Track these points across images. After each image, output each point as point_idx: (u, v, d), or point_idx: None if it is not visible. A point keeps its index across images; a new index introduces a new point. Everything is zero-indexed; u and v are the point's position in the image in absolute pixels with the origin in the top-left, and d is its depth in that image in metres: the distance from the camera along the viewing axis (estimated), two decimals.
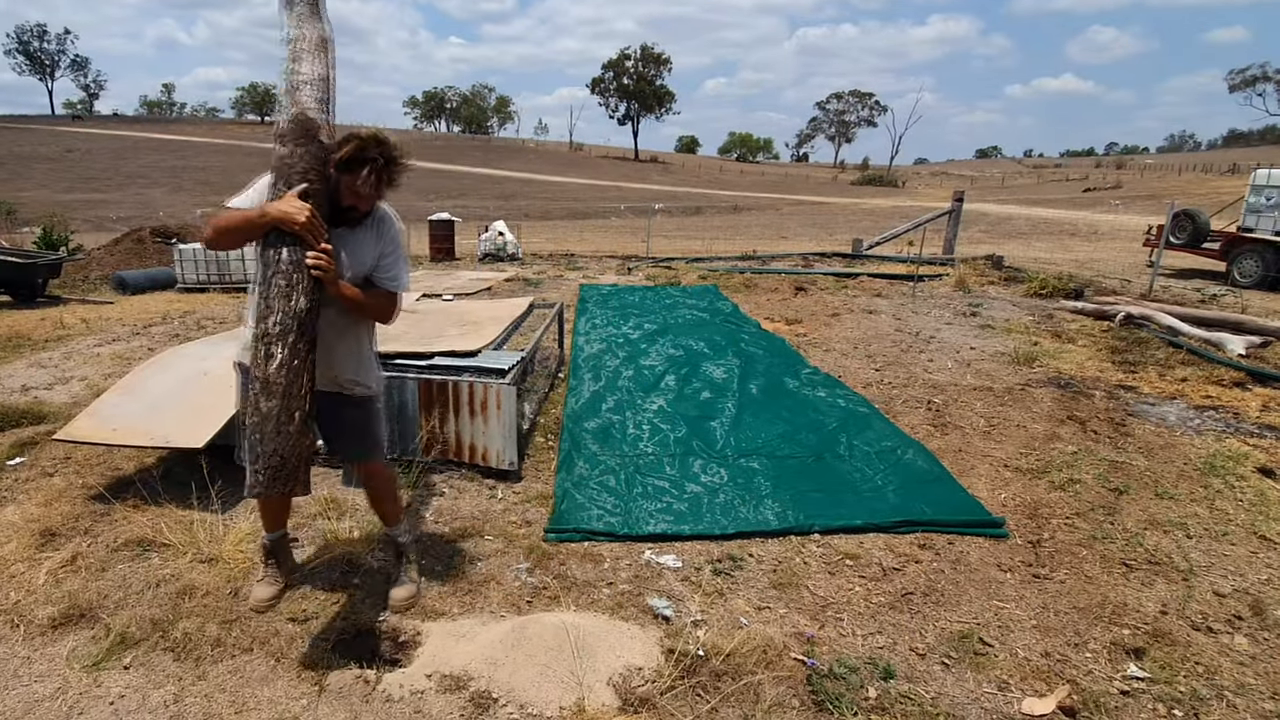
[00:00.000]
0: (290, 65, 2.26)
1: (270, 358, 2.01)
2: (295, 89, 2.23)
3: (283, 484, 2.02)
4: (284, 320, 2.04)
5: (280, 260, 2.05)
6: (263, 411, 2.00)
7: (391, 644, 2.36)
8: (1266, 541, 3.16)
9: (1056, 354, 6.42)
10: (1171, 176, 54.93)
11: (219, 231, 2.11)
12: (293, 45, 2.30)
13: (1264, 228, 11.72)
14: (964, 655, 2.37)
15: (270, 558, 2.50)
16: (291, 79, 2.24)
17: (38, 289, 8.97)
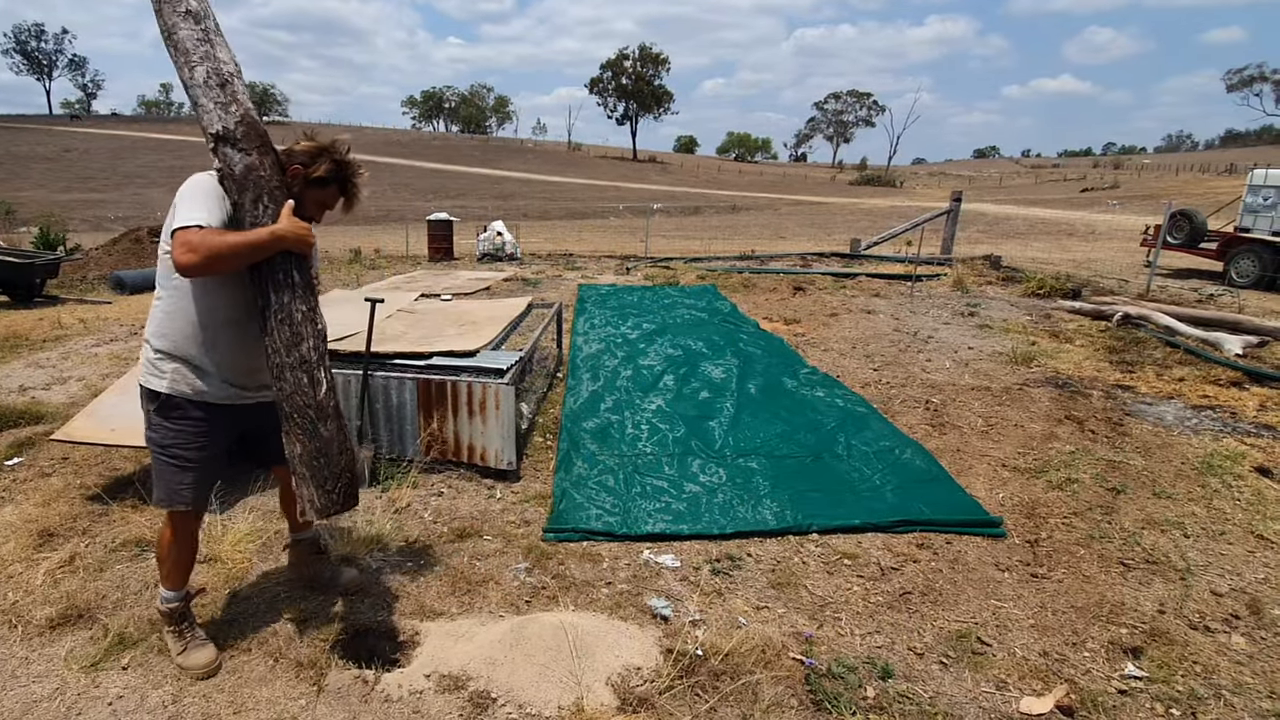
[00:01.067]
0: (204, 51, 1.98)
1: (317, 383, 2.00)
2: (227, 82, 1.98)
3: (354, 499, 2.09)
4: (317, 344, 2.02)
5: (295, 283, 1.98)
6: (324, 436, 2.00)
7: (390, 644, 2.36)
8: (1264, 541, 3.16)
9: (1054, 354, 6.43)
10: (1169, 176, 55.04)
11: (215, 258, 1.86)
12: (199, 27, 2.00)
13: (1261, 227, 11.75)
14: (962, 654, 2.37)
15: (182, 620, 2.24)
16: (216, 70, 1.97)
17: (35, 289, 8.95)
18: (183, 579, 2.25)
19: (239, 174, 1.95)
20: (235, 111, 1.96)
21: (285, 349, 1.98)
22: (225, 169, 1.96)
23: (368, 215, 31.28)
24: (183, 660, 2.18)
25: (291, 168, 2.07)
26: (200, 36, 1.98)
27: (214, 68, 1.98)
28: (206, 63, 1.97)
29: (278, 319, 1.97)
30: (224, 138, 1.94)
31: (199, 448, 2.09)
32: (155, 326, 2.05)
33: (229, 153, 1.95)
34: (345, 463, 2.04)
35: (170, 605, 2.22)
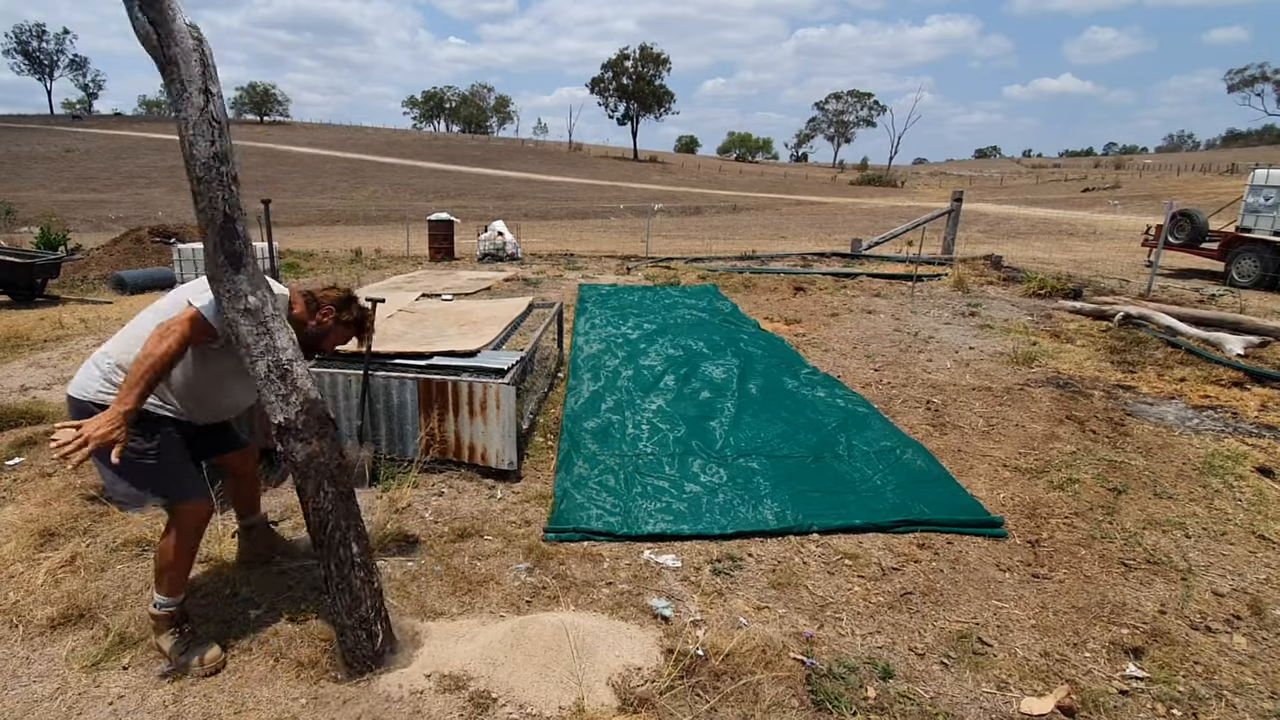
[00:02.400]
0: (265, 345, 2.02)
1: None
2: (287, 372, 2.03)
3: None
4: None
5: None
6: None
7: (391, 644, 2.36)
8: (1265, 541, 3.16)
9: (1055, 354, 6.43)
10: (1170, 176, 54.99)
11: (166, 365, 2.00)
12: (257, 322, 2.01)
13: (1262, 227, 11.74)
14: (963, 655, 2.37)
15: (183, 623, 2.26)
16: (276, 362, 2.02)
17: (36, 289, 8.96)
18: (184, 584, 2.26)
19: (300, 462, 2.05)
20: (295, 401, 2.03)
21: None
22: (288, 457, 2.07)
23: (368, 215, 31.32)
24: (186, 659, 2.18)
25: (324, 308, 2.45)
26: (260, 331, 2.00)
27: (274, 360, 2.02)
28: (267, 356, 2.01)
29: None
30: (286, 429, 2.03)
31: (184, 449, 2.24)
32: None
33: (292, 443, 2.04)
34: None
35: (170, 610, 2.22)
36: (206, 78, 1.87)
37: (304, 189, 42.83)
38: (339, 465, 2.11)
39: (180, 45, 1.83)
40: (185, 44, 1.83)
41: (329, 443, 2.09)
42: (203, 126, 1.87)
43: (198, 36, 1.87)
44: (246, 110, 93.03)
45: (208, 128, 1.88)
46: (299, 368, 2.05)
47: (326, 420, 2.10)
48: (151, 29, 1.82)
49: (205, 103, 1.87)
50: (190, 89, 1.85)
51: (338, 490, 2.09)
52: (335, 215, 31.51)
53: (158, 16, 1.81)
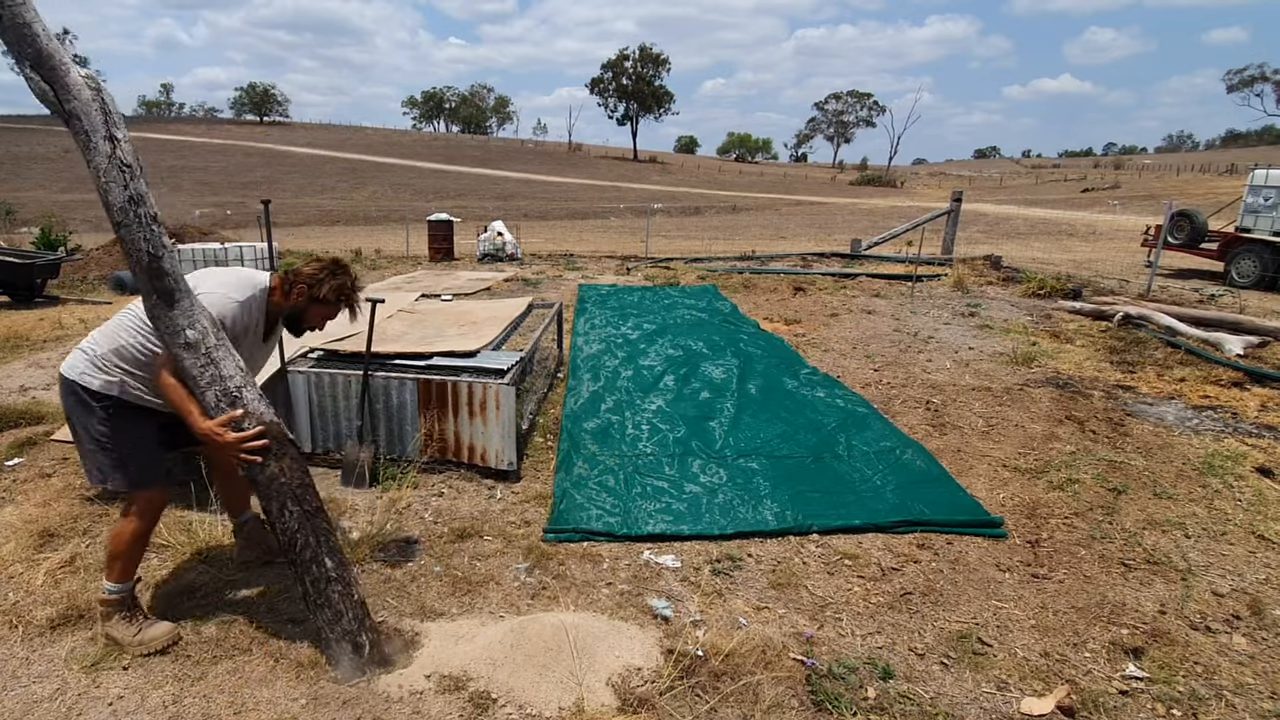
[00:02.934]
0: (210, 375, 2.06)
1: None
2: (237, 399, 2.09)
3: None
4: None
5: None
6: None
7: (381, 652, 2.35)
8: (1265, 541, 3.16)
9: (1055, 354, 6.43)
10: (1170, 176, 55.02)
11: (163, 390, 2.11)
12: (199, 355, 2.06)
13: (1262, 228, 11.74)
14: (963, 655, 2.37)
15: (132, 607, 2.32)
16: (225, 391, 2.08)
17: (36, 289, 8.96)
18: (133, 571, 2.33)
19: (262, 483, 2.09)
20: (249, 426, 2.08)
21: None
22: (248, 476, 2.12)
23: (368, 215, 31.30)
24: (141, 638, 2.23)
25: (297, 288, 2.33)
26: (204, 362, 2.03)
27: (222, 389, 2.06)
28: (214, 386, 2.06)
29: None
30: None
31: (152, 433, 2.31)
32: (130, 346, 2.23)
33: (249, 463, 2.08)
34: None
35: (120, 595, 2.28)
36: (110, 124, 1.89)
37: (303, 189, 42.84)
38: (301, 484, 2.12)
39: (78, 98, 1.85)
40: (83, 96, 1.86)
41: (289, 462, 2.11)
42: (113, 173, 1.89)
43: (94, 86, 1.89)
44: (246, 111, 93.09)
45: (118, 173, 1.90)
46: (249, 392, 2.08)
47: (284, 440, 2.12)
48: (47, 87, 1.84)
49: (112, 149, 1.89)
50: (95, 138, 1.88)
51: (303, 509, 2.10)
52: (335, 215, 31.51)
53: (50, 75, 1.84)
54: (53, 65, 1.83)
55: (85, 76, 1.89)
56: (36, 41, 1.80)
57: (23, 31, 1.78)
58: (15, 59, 1.82)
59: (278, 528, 2.11)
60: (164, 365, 2.11)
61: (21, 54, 1.80)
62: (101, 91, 1.90)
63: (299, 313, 2.39)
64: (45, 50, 1.81)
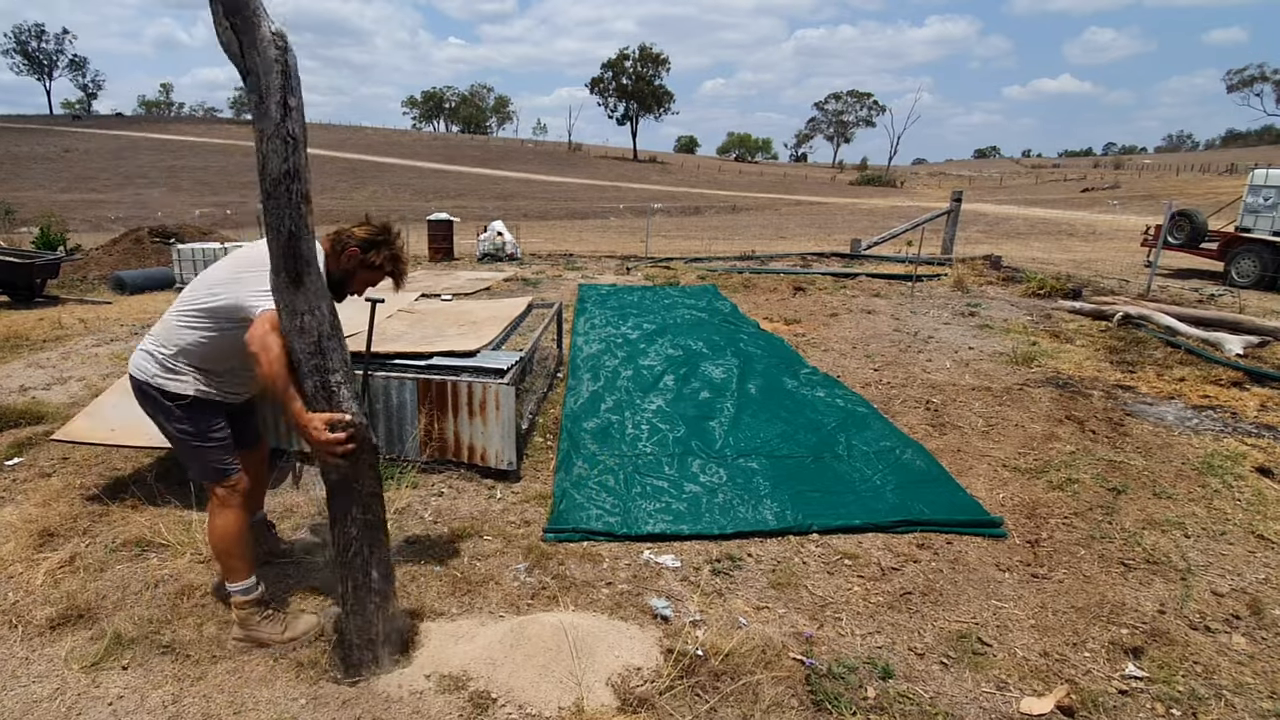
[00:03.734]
0: (315, 364, 2.00)
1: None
2: (334, 393, 2.03)
3: None
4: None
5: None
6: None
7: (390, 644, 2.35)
8: (1264, 541, 3.16)
9: (1055, 354, 6.43)
10: (1169, 176, 55.02)
11: (269, 379, 2.02)
12: (309, 342, 2.00)
13: (1262, 227, 11.74)
14: (962, 655, 2.37)
15: (269, 605, 2.39)
16: (324, 384, 2.02)
17: (36, 289, 8.96)
18: (250, 563, 2.35)
19: (333, 483, 2.07)
20: (339, 424, 2.04)
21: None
22: (324, 475, 2.09)
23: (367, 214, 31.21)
24: (290, 634, 2.30)
25: (349, 250, 2.25)
26: (312, 350, 1.99)
27: (321, 380, 2.01)
28: (315, 376, 2.01)
29: None
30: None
31: (221, 428, 2.34)
32: (188, 343, 2.23)
33: (328, 463, 2.06)
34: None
35: (251, 595, 2.33)
36: (286, 90, 1.81)
37: None
38: (372, 493, 2.10)
39: (262, 55, 1.77)
40: (268, 54, 1.77)
41: (367, 470, 2.08)
42: (276, 142, 1.82)
43: (281, 46, 1.80)
44: (246, 111, 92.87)
45: (281, 144, 1.82)
46: (346, 390, 2.04)
47: (366, 446, 2.07)
48: (234, 35, 1.77)
49: (282, 117, 1.81)
50: (268, 101, 1.80)
51: (366, 517, 2.09)
52: (335, 215, 31.47)
53: (241, 23, 1.75)
54: (245, 15, 1.75)
55: (274, 34, 1.79)
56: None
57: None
58: (215, 10, 1.76)
59: (336, 528, 2.10)
60: (268, 354, 2.00)
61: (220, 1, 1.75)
62: (287, 53, 1.81)
63: (346, 276, 2.30)
64: (243, 1, 1.75)
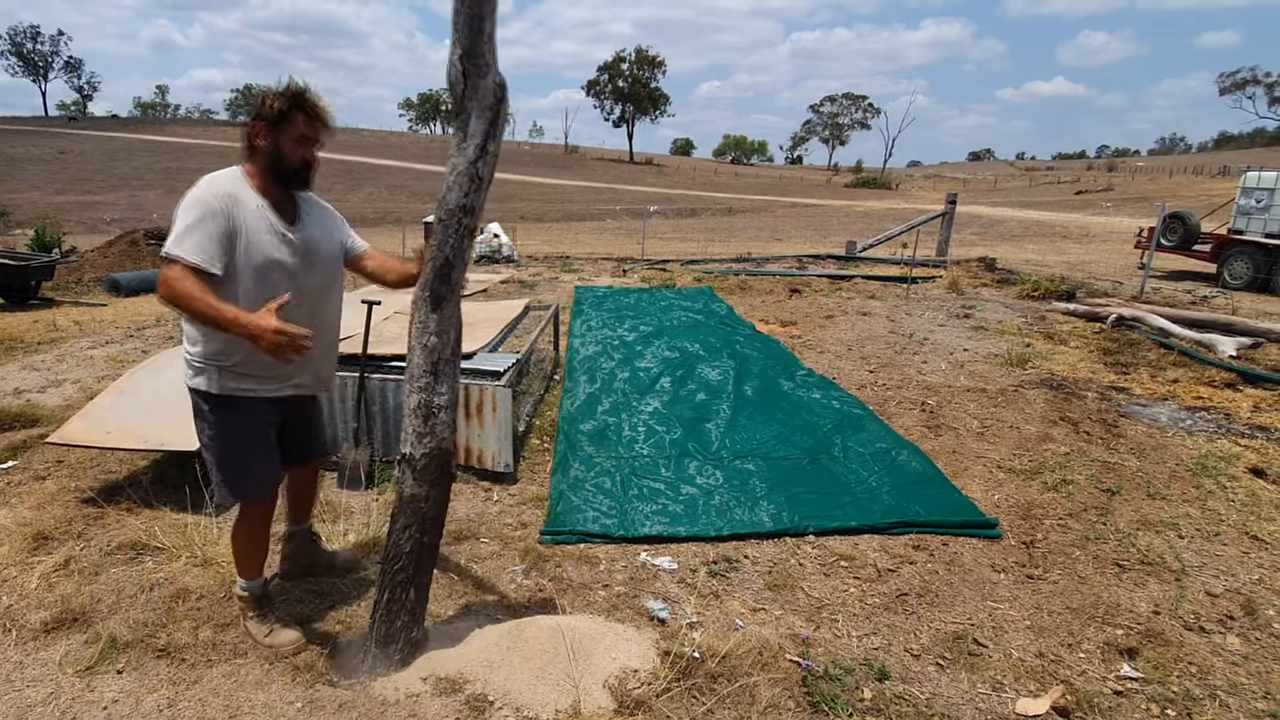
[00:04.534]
0: (425, 383, 2.02)
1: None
2: (432, 415, 2.04)
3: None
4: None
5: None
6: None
7: None
8: (1258, 541, 3.18)
9: (1049, 355, 6.46)
10: (1163, 179, 55.26)
11: (180, 305, 1.89)
12: (430, 360, 2.03)
13: (1254, 230, 11.81)
14: (958, 656, 2.38)
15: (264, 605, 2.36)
16: (427, 403, 2.03)
17: (30, 291, 8.92)
18: (258, 568, 2.34)
19: (404, 498, 2.08)
20: (428, 444, 2.06)
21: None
22: (398, 486, 2.10)
23: (364, 217, 31.24)
24: (270, 640, 2.26)
25: (254, 127, 2.04)
26: (428, 369, 2.03)
27: (426, 399, 2.04)
28: (423, 394, 2.03)
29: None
30: (407, 460, 2.08)
31: (257, 436, 2.19)
32: (192, 332, 2.11)
33: (405, 476, 2.08)
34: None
35: (249, 593, 2.33)
36: (489, 137, 1.94)
37: None
38: (435, 517, 2.13)
39: (480, 101, 1.90)
40: (485, 101, 1.91)
41: (438, 492, 2.11)
42: (464, 179, 1.95)
43: (500, 96, 1.93)
44: (242, 113, 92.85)
45: (468, 181, 1.95)
46: (445, 415, 2.07)
47: (445, 473, 2.11)
48: (462, 78, 1.88)
49: (477, 157, 1.94)
50: (470, 143, 1.93)
51: (423, 539, 2.10)
52: None
53: (472, 69, 1.88)
54: (478, 63, 1.88)
55: (497, 84, 1.91)
56: (479, 37, 1.86)
57: (474, 24, 1.85)
58: (453, 40, 1.87)
59: (391, 540, 2.11)
60: (167, 285, 1.88)
61: (459, 39, 1.86)
62: (503, 103, 1.93)
63: (276, 155, 2.04)
64: (479, 48, 1.87)
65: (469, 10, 1.85)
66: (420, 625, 2.20)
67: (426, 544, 2.12)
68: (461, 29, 1.85)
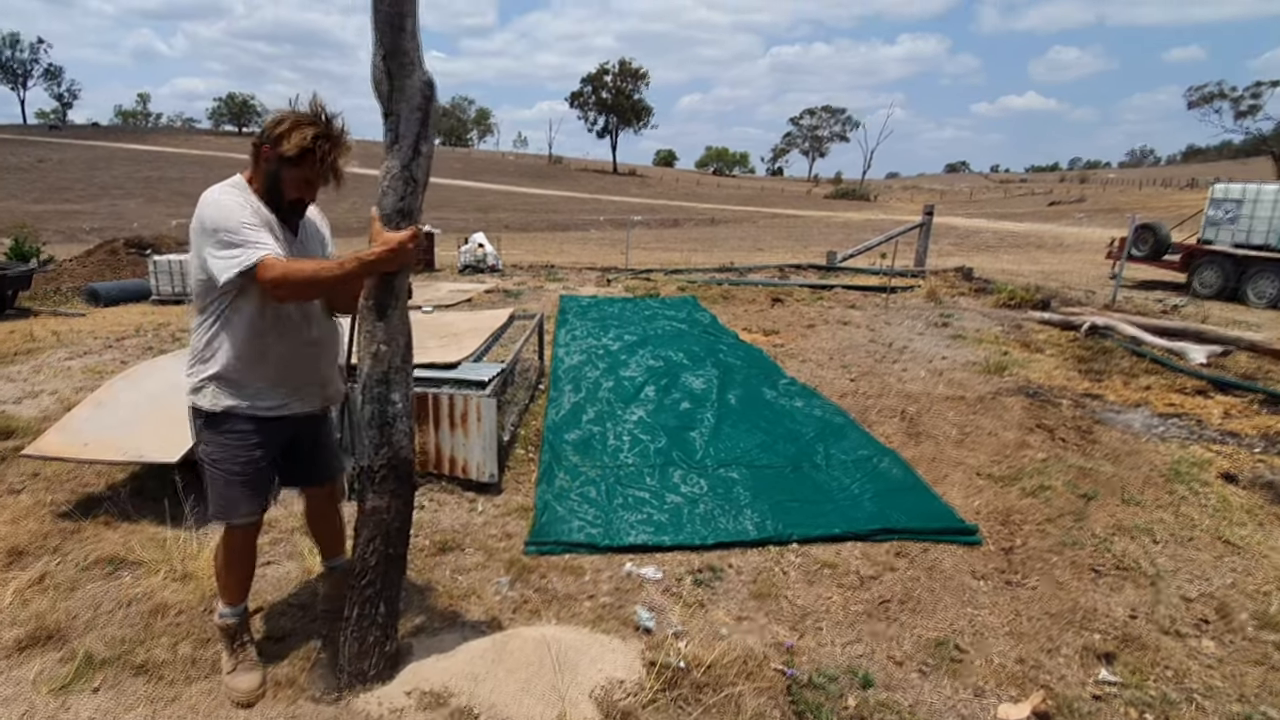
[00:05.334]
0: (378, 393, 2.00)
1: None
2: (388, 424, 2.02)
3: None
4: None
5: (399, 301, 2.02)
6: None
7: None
8: (1230, 546, 3.25)
9: (1026, 363, 6.56)
10: (1133, 190, 56.50)
11: (305, 286, 1.87)
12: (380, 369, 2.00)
13: (1223, 240, 12.11)
14: (940, 662, 2.41)
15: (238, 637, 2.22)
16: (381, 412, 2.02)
17: (7, 301, 8.75)
18: (242, 594, 2.24)
19: (366, 509, 2.06)
20: (384, 454, 2.03)
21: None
22: (359, 499, 2.08)
23: (349, 227, 31.00)
24: (230, 681, 2.16)
25: (262, 150, 1.93)
26: (379, 378, 2.00)
27: (380, 409, 2.01)
28: (376, 404, 2.00)
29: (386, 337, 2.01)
30: (365, 473, 2.05)
31: (249, 460, 2.08)
32: (197, 346, 2.04)
33: (366, 488, 2.06)
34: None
35: (227, 620, 2.21)
36: (421, 137, 1.91)
37: None
38: (399, 528, 2.10)
39: (409, 102, 1.87)
40: (414, 100, 1.87)
41: (399, 503, 2.08)
42: (398, 183, 1.92)
43: (428, 95, 1.89)
44: (225, 121, 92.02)
45: (402, 184, 1.92)
46: (402, 424, 2.05)
47: (405, 482, 2.08)
48: (387, 79, 1.85)
49: (410, 159, 1.91)
50: (402, 144, 1.90)
51: (388, 550, 2.08)
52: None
53: (396, 69, 1.84)
54: (402, 62, 1.84)
55: (424, 84, 1.88)
56: (401, 35, 1.82)
57: (394, 22, 1.81)
58: (374, 40, 1.83)
59: (356, 554, 2.08)
60: (288, 274, 1.82)
61: (381, 39, 1.82)
62: (431, 102, 1.89)
63: (274, 180, 1.95)
64: (402, 46, 1.83)
65: (388, 8, 1.79)
66: (393, 639, 2.17)
67: (392, 556, 2.10)
68: (382, 28, 1.80)
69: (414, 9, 1.84)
